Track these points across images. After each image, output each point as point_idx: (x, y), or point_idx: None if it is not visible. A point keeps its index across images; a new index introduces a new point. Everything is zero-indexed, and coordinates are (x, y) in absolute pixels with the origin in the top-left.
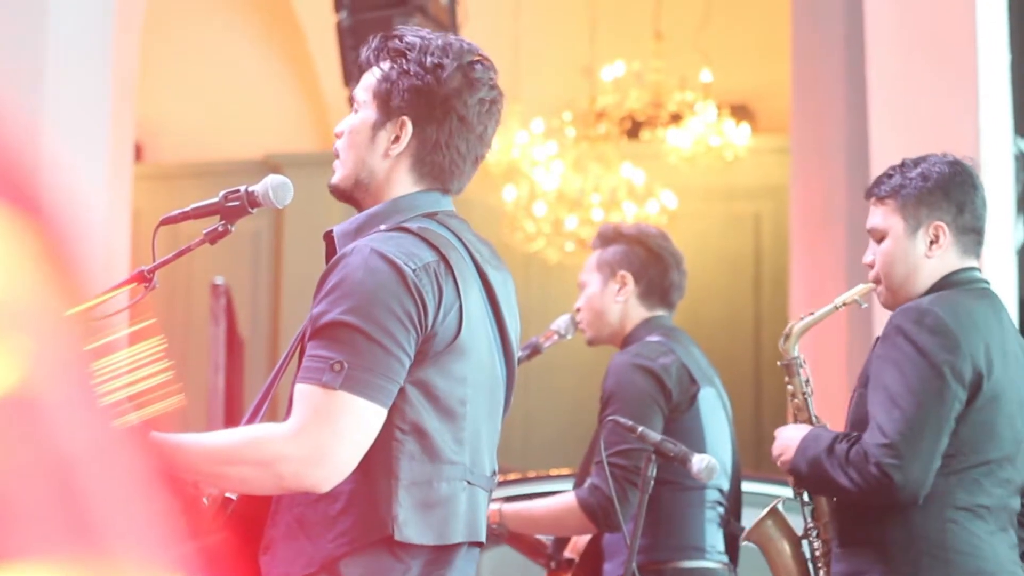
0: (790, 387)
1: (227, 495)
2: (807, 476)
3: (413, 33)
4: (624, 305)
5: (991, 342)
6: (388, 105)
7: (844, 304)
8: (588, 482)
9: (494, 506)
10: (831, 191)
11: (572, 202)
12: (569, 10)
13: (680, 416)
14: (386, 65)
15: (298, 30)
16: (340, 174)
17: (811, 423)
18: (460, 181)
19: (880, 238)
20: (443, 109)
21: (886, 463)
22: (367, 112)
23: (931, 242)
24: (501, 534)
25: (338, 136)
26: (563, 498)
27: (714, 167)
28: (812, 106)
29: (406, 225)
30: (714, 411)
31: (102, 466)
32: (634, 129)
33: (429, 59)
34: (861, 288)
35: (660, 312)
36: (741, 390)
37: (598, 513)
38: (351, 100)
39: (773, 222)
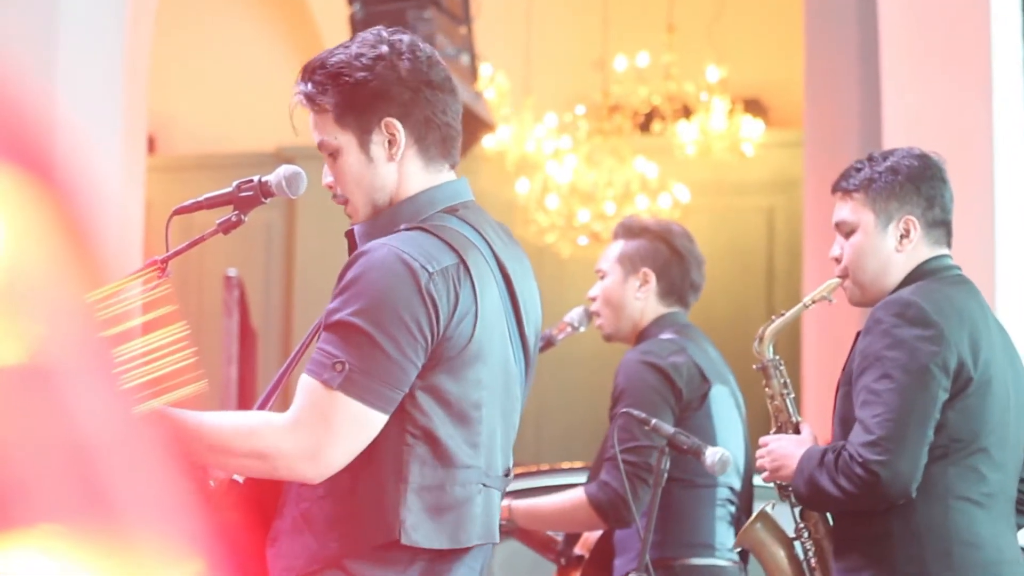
0: (768, 390)
1: (234, 477)
2: (807, 496)
3: (326, 57)
4: (643, 302)
5: (975, 329)
6: (362, 120)
7: (813, 301)
8: (599, 478)
9: (503, 502)
10: None
11: (585, 196)
12: (582, 3)
13: (691, 414)
14: (332, 95)
15: (311, 22)
16: (359, 214)
17: (791, 424)
18: (458, 146)
19: (849, 232)
20: (410, 88)
21: (871, 460)
22: (347, 143)
23: (902, 236)
24: (512, 530)
25: (330, 188)
26: (572, 494)
27: (727, 161)
28: (825, 100)
29: (425, 225)
30: (726, 409)
31: (116, 440)
32: (647, 123)
33: (364, 60)
34: (830, 284)
35: (676, 309)
36: (753, 386)
37: (607, 509)
38: (320, 147)
39: (786, 216)
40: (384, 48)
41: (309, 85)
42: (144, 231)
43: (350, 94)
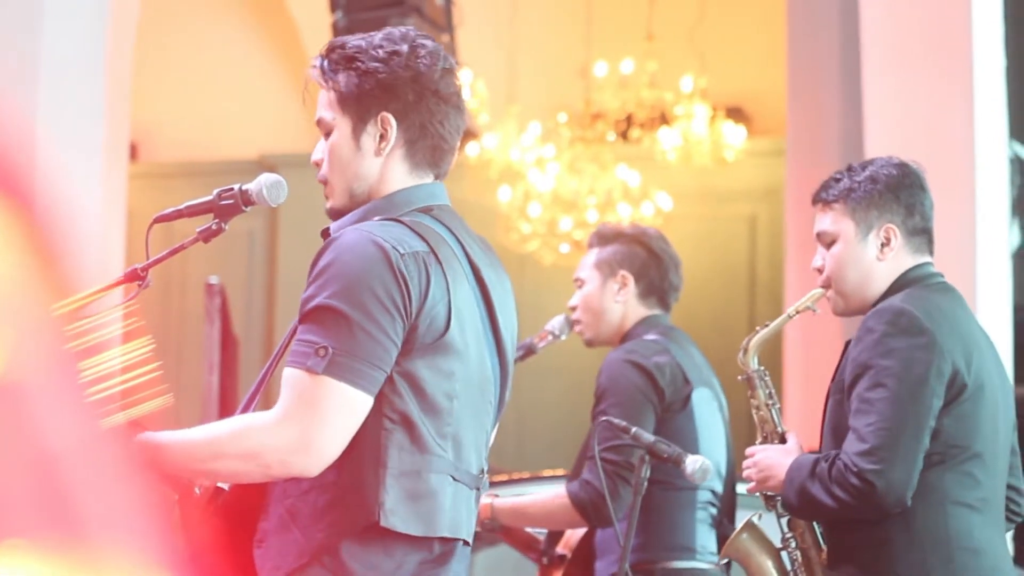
0: (754, 400)
1: (219, 484)
2: (798, 507)
3: (348, 39)
4: (623, 305)
5: (966, 336)
6: (361, 108)
7: (797, 312)
8: (580, 477)
9: (485, 500)
10: None
11: (567, 204)
12: (564, 12)
13: (673, 416)
14: (343, 76)
15: (293, 30)
16: (335, 197)
17: (777, 434)
18: (449, 159)
19: (830, 242)
20: (416, 91)
21: (867, 469)
22: (342, 126)
23: (882, 245)
24: (494, 528)
25: (317, 165)
26: (555, 492)
27: (709, 169)
28: (807, 108)
29: (399, 217)
30: (709, 412)
31: (87, 457)
32: (628, 131)
33: (381, 52)
34: (814, 294)
35: (657, 311)
36: (735, 393)
37: (588, 508)
38: (318, 124)
39: (768, 224)
40: (404, 47)
41: (325, 61)
42: (126, 239)
43: (358, 79)
